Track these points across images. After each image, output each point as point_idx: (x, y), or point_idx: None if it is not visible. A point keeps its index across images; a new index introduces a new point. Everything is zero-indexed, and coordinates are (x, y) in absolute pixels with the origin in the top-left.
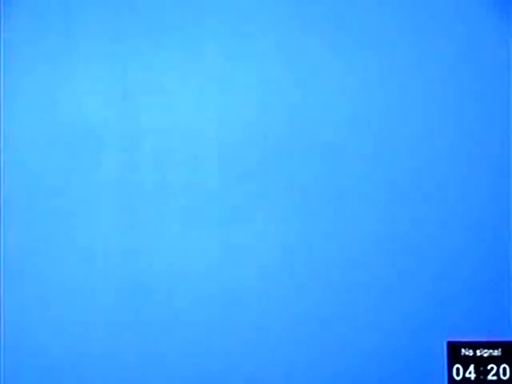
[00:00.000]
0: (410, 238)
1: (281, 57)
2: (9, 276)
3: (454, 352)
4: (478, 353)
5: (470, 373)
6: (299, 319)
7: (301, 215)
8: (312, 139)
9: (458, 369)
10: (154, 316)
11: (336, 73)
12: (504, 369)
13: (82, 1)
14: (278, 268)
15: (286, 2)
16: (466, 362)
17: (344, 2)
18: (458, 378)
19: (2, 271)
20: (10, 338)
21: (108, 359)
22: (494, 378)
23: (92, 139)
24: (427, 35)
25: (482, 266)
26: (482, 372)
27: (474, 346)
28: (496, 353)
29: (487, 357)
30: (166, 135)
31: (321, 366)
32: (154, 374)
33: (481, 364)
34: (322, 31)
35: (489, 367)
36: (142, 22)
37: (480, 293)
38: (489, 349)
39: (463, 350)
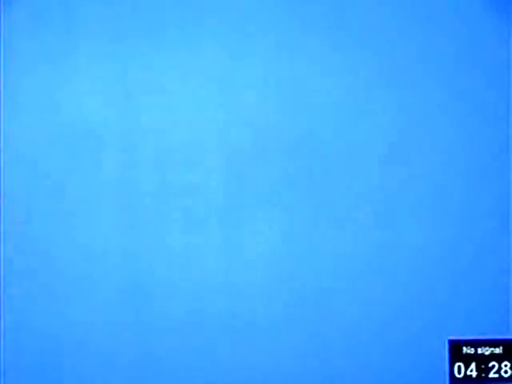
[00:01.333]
0: (410, 239)
1: (281, 56)
2: (9, 276)
3: (456, 350)
4: (480, 351)
5: (471, 371)
6: (300, 320)
7: (304, 216)
8: (313, 138)
9: (459, 367)
10: (154, 316)
11: (337, 72)
12: (505, 366)
13: (82, 1)
14: (279, 268)
15: (286, 1)
16: (467, 360)
17: (344, 1)
18: (459, 376)
19: (2, 271)
20: (10, 337)
21: (108, 359)
22: (496, 375)
23: (92, 139)
24: (427, 35)
25: (482, 265)
26: (483, 370)
27: (476, 344)
28: (497, 351)
29: (488, 355)
30: (166, 135)
31: (321, 366)
32: (154, 373)
33: (482, 362)
34: (322, 30)
35: (490, 365)
36: (142, 22)
37: (481, 291)
38: (490, 347)
39: (464, 348)
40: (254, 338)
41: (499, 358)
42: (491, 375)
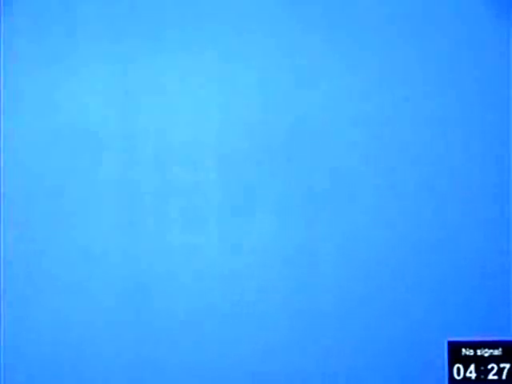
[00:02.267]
0: (410, 238)
1: (281, 56)
2: (9, 276)
3: (455, 352)
4: (479, 352)
5: (470, 372)
6: (299, 318)
7: (301, 215)
8: (312, 138)
9: (458, 368)
10: (154, 316)
11: (336, 72)
12: (504, 368)
13: (82, 1)
14: (278, 269)
15: (286, 1)
16: (466, 361)
17: (344, 1)
18: (458, 378)
19: (2, 271)
20: (10, 337)
21: (108, 359)
22: (495, 377)
23: (92, 139)
24: (427, 35)
25: (482, 266)
26: (482, 371)
27: (475, 345)
28: (496, 352)
29: (488, 356)
30: (165, 135)
31: (320, 366)
32: (154, 373)
33: (481, 363)
34: (321, 31)
35: (489, 367)
36: (142, 22)
37: (480, 292)
38: (489, 348)
39: (464, 350)
40: (253, 336)
41: (498, 360)
42: (490, 377)
